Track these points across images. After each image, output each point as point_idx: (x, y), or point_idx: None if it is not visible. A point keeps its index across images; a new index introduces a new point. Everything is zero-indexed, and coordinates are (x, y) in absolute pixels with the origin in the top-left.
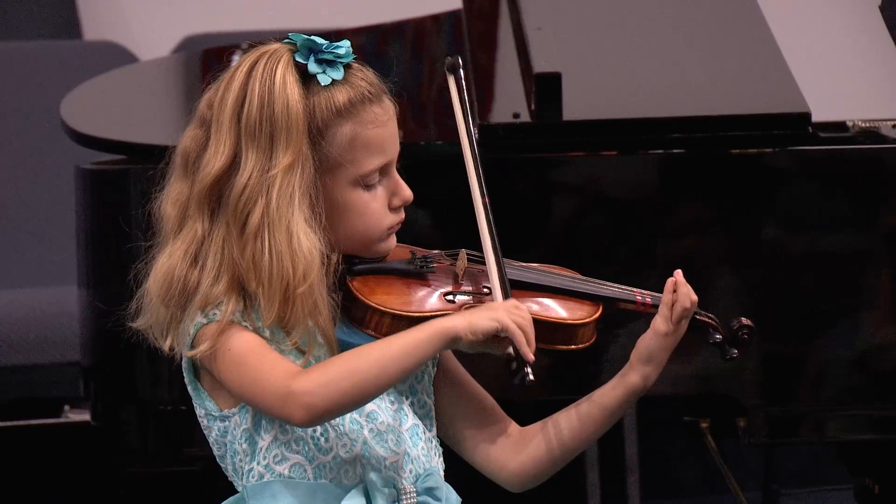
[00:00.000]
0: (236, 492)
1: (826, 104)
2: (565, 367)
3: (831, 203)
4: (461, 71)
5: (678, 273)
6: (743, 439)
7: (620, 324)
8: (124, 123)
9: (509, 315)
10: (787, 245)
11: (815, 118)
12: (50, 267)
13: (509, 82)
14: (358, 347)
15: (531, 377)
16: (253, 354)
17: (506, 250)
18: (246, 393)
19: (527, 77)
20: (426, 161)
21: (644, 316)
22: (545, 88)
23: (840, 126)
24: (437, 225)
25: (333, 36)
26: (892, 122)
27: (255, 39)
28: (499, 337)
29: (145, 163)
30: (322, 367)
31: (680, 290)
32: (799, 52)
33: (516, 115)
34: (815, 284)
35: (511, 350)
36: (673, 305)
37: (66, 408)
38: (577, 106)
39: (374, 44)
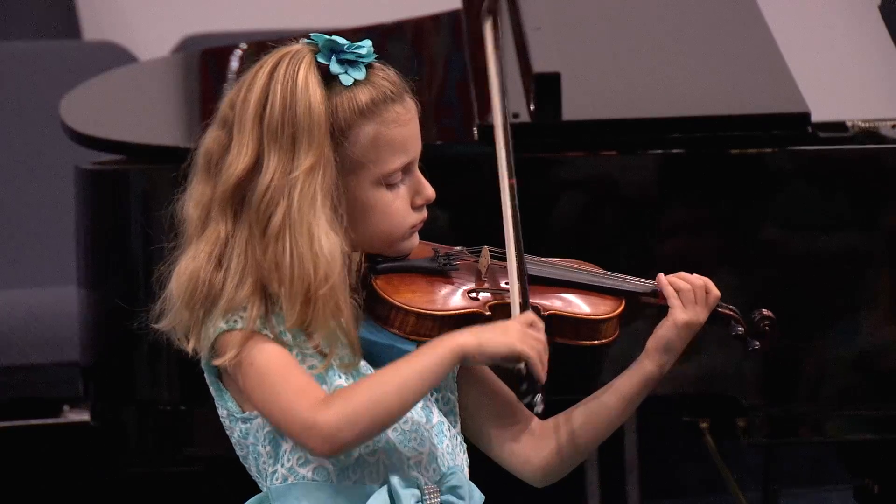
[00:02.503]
0: (238, 490)
1: (826, 104)
2: (568, 365)
3: (831, 203)
4: (500, 16)
5: (660, 275)
6: (743, 439)
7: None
8: (124, 123)
9: (523, 339)
10: (786, 245)
11: (815, 118)
12: (50, 267)
13: (509, 82)
14: (376, 375)
15: (540, 407)
16: (276, 373)
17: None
18: (269, 413)
19: (526, 77)
20: (426, 161)
21: (664, 309)
22: (544, 88)
23: (840, 126)
24: (434, 224)
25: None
26: (892, 122)
27: (254, 39)
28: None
29: (145, 163)
30: (345, 400)
31: (670, 279)
32: (799, 52)
33: (516, 115)
34: (815, 284)
35: (522, 367)
36: (678, 293)
37: (66, 408)
38: (576, 106)
39: (374, 44)
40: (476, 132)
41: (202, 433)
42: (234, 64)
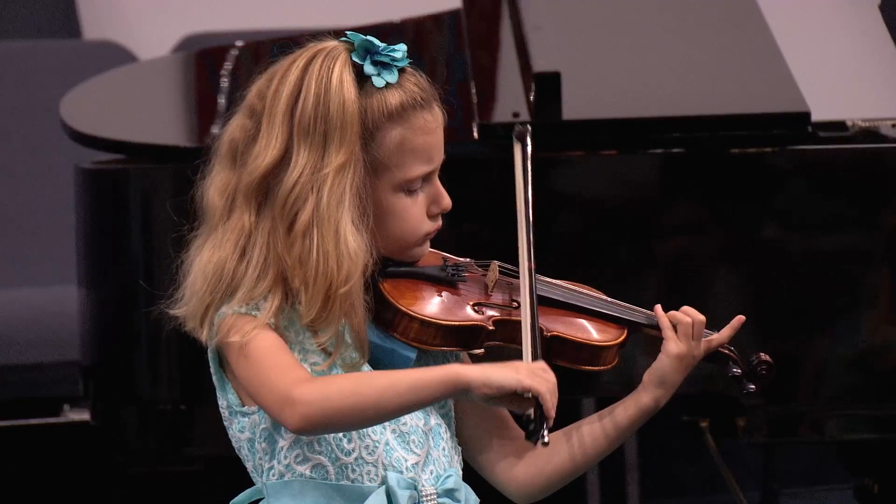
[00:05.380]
0: (238, 489)
1: (826, 104)
2: (566, 368)
3: (831, 203)
4: (528, 141)
5: (657, 307)
6: (742, 439)
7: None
8: (124, 123)
9: (532, 376)
10: (786, 244)
11: (815, 118)
12: (50, 267)
13: (509, 82)
14: (369, 372)
15: (546, 440)
16: (268, 353)
17: (505, 250)
18: (251, 388)
19: (526, 76)
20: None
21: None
22: (545, 88)
23: (840, 126)
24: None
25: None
26: (892, 122)
27: (254, 39)
28: (519, 396)
29: (145, 162)
30: (327, 381)
31: (670, 312)
32: (799, 52)
33: (516, 115)
34: (815, 284)
35: (532, 412)
36: (675, 327)
37: (66, 407)
38: (576, 105)
39: None
40: (476, 132)
41: (202, 432)
42: (231, 64)
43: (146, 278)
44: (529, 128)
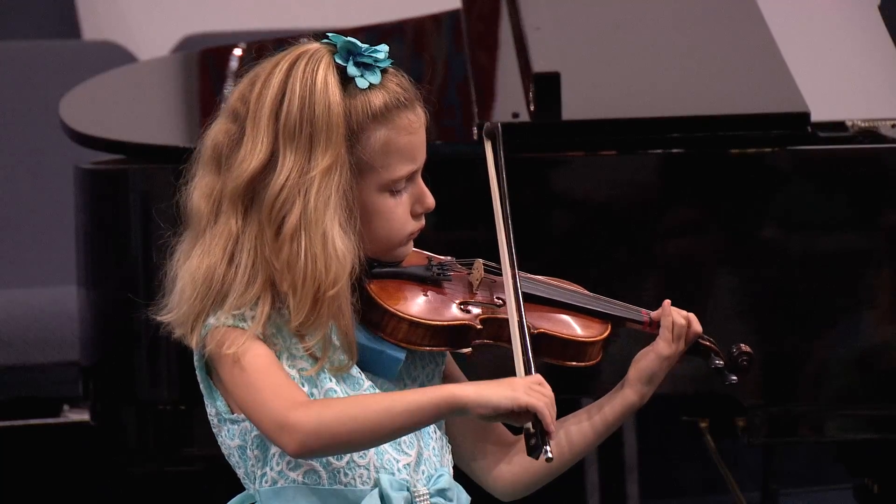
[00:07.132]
0: (238, 490)
1: (825, 104)
2: (552, 364)
3: (830, 203)
4: (500, 139)
5: (667, 302)
6: (742, 439)
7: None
8: (123, 123)
9: (529, 392)
10: (786, 245)
11: (815, 118)
12: (50, 267)
13: (509, 82)
14: (364, 395)
15: (550, 455)
16: (260, 373)
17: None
18: (246, 409)
19: (526, 77)
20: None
21: (649, 336)
22: (544, 88)
23: (839, 126)
24: (432, 222)
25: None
26: (892, 122)
27: (254, 39)
28: (516, 412)
29: (144, 163)
30: (323, 406)
31: (672, 311)
32: (799, 52)
33: (515, 115)
34: (815, 284)
35: (530, 425)
36: (673, 327)
37: (66, 408)
38: (576, 105)
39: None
40: (476, 132)
41: (202, 433)
42: (234, 64)
43: (145, 279)
44: (500, 126)
